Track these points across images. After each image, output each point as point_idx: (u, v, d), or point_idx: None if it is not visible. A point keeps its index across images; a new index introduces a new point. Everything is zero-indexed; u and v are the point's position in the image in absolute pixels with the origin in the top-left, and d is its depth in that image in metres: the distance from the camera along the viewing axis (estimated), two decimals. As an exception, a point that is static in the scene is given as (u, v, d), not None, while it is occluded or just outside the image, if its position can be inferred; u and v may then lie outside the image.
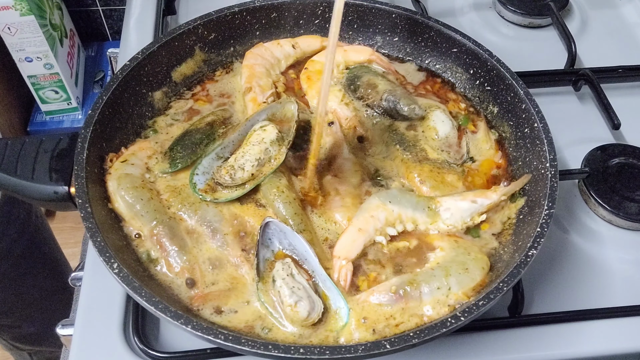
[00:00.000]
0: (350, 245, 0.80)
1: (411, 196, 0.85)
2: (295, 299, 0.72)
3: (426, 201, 0.85)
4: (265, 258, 0.78)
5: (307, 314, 0.72)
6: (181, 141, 0.90)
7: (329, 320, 0.74)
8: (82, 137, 0.81)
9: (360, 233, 0.80)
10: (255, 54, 1.02)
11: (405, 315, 0.75)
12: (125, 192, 0.82)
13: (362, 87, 0.99)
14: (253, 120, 0.89)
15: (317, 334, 0.73)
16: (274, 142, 0.85)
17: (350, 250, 0.80)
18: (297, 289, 0.73)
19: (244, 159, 0.84)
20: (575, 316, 0.85)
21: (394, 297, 0.75)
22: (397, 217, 0.83)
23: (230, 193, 0.84)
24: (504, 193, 0.85)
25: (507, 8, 1.31)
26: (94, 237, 0.72)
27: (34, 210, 1.47)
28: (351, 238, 0.80)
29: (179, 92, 1.00)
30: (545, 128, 0.87)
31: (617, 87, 1.17)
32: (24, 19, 1.77)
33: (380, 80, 1.00)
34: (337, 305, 0.75)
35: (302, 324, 0.73)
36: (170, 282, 0.78)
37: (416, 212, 0.83)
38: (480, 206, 0.84)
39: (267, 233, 0.79)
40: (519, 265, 0.73)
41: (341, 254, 0.79)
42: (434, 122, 0.96)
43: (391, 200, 0.83)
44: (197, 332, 0.66)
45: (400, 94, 0.97)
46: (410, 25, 1.04)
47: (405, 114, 0.96)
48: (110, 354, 0.79)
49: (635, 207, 0.96)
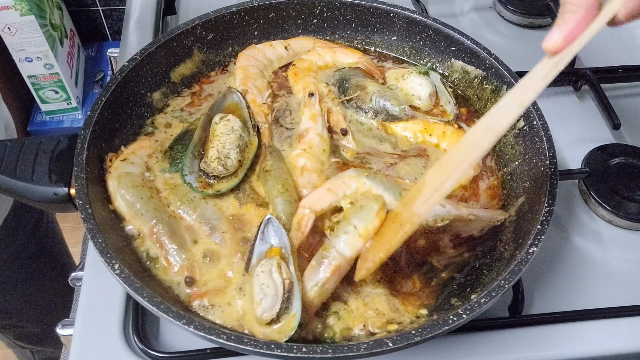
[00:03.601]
0: (317, 199, 0.83)
1: (386, 179, 0.87)
2: (260, 296, 0.72)
3: (399, 187, 0.86)
4: (260, 253, 0.78)
5: (262, 313, 0.71)
6: (181, 140, 0.91)
7: (284, 322, 0.72)
8: (82, 138, 0.81)
9: (329, 192, 0.84)
10: (248, 55, 1.02)
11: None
12: (126, 190, 0.82)
13: (351, 89, 1.00)
14: (207, 117, 0.91)
15: (268, 331, 0.72)
16: (243, 129, 0.89)
17: (316, 203, 0.83)
18: (265, 287, 0.73)
19: (225, 148, 0.86)
20: (575, 316, 0.85)
21: (319, 269, 0.76)
22: (367, 191, 0.85)
23: (228, 183, 0.85)
24: (473, 213, 0.85)
25: (507, 8, 1.31)
26: (95, 237, 0.72)
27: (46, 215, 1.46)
28: (320, 194, 0.84)
29: (177, 91, 1.00)
30: (544, 125, 0.87)
31: (617, 87, 1.17)
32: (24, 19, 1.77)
33: (369, 82, 1.00)
34: (296, 309, 0.72)
35: (257, 320, 0.72)
36: (169, 281, 0.78)
37: (386, 192, 0.85)
38: (447, 213, 0.84)
39: (267, 229, 0.79)
40: (519, 263, 0.73)
41: (307, 204, 0.83)
42: (413, 89, 0.99)
43: (367, 175, 0.86)
44: (200, 332, 0.66)
45: (390, 95, 0.98)
46: (408, 24, 1.05)
47: (395, 115, 0.96)
48: (110, 354, 0.79)
49: (635, 207, 0.96)
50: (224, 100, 0.94)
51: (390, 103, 0.96)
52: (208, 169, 0.85)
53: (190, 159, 0.86)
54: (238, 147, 0.87)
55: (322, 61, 1.05)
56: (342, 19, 1.07)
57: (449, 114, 0.99)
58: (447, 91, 1.01)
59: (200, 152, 0.88)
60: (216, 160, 0.85)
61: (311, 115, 0.95)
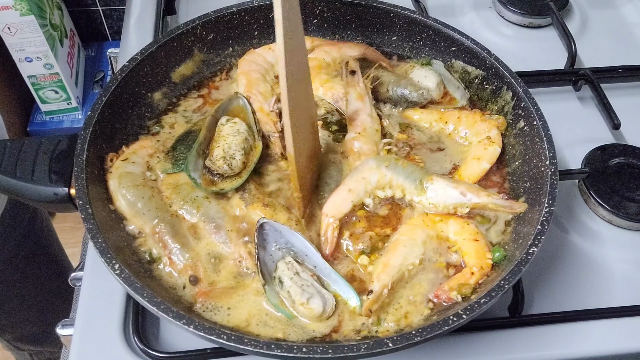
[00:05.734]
0: (339, 204, 0.83)
1: (408, 165, 0.87)
2: (306, 296, 0.74)
3: (420, 174, 0.86)
4: (265, 260, 0.79)
5: (322, 309, 0.74)
6: (184, 141, 0.91)
7: (341, 311, 0.76)
8: (82, 138, 0.81)
9: (350, 193, 0.84)
10: (248, 60, 1.02)
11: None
12: (127, 190, 0.82)
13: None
14: (213, 118, 0.91)
15: (330, 324, 0.75)
16: (248, 132, 0.90)
17: (339, 208, 0.83)
18: (306, 287, 0.75)
19: (231, 149, 0.86)
20: (575, 316, 0.85)
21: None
22: (389, 182, 0.85)
23: (231, 183, 0.85)
24: (495, 202, 0.85)
25: (507, 8, 1.31)
26: (95, 238, 0.72)
27: (39, 213, 1.46)
28: (341, 197, 0.83)
29: (182, 93, 1.00)
30: (544, 126, 0.87)
31: (617, 87, 1.17)
32: (24, 19, 1.77)
33: (382, 73, 1.01)
34: (347, 296, 0.77)
35: (318, 319, 0.74)
36: (172, 280, 0.78)
37: (406, 181, 0.85)
38: (468, 201, 0.85)
39: (262, 235, 0.79)
40: (520, 263, 0.73)
41: (329, 211, 0.82)
42: (420, 82, 0.99)
43: (387, 164, 0.85)
44: (200, 332, 0.66)
45: (405, 82, 0.98)
46: (408, 24, 1.05)
47: (415, 100, 0.97)
48: (110, 354, 0.79)
49: (635, 207, 0.96)
50: (229, 103, 0.94)
51: (408, 90, 0.96)
52: (213, 166, 0.86)
53: (195, 156, 0.87)
54: (243, 149, 0.87)
55: (329, 57, 1.04)
56: (342, 19, 1.07)
57: (459, 99, 0.99)
58: (454, 77, 1.01)
59: (205, 152, 0.88)
60: (221, 159, 0.85)
61: (357, 95, 0.94)
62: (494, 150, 0.91)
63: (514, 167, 0.91)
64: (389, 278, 0.77)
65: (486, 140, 0.92)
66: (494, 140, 0.92)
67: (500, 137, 0.93)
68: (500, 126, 0.94)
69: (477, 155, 0.91)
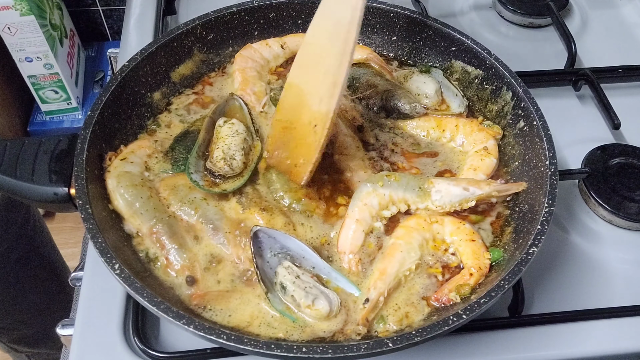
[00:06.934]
0: (352, 238, 0.82)
1: (401, 177, 0.87)
2: (311, 298, 0.74)
3: (417, 181, 0.86)
4: (264, 268, 0.78)
5: (329, 309, 0.74)
6: (182, 142, 0.91)
7: (348, 308, 0.77)
8: (82, 138, 0.81)
9: (358, 224, 0.83)
10: (245, 56, 1.02)
11: None
12: (125, 190, 0.82)
13: (361, 88, 1.00)
14: (211, 120, 0.91)
15: (341, 320, 0.76)
16: (247, 132, 0.90)
17: (353, 243, 0.82)
18: (309, 288, 0.75)
19: (231, 150, 0.87)
20: (575, 316, 0.85)
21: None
22: (389, 200, 0.85)
23: (233, 183, 0.85)
24: (496, 189, 0.86)
25: (507, 8, 1.31)
26: (95, 237, 0.72)
27: (32, 213, 1.46)
28: (351, 231, 0.82)
29: (179, 91, 1.00)
30: (544, 126, 0.87)
31: (617, 87, 1.17)
32: (24, 19, 1.77)
33: (379, 80, 1.00)
34: (349, 291, 0.78)
35: (326, 319, 0.75)
36: (170, 280, 0.78)
37: (406, 193, 0.85)
38: (472, 195, 0.86)
39: (257, 243, 0.79)
40: (520, 263, 0.73)
41: (345, 248, 0.82)
42: (418, 88, 0.99)
43: (382, 183, 0.85)
44: (200, 332, 0.66)
45: (400, 93, 0.97)
46: (408, 24, 1.05)
47: (407, 112, 0.96)
48: (110, 354, 0.79)
49: (635, 207, 0.96)
50: (226, 104, 0.95)
51: (401, 102, 0.96)
52: (214, 168, 0.86)
53: (195, 158, 0.87)
54: (243, 149, 0.88)
55: None
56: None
57: (456, 108, 0.99)
58: (452, 85, 1.02)
59: (205, 153, 0.89)
60: (222, 160, 0.86)
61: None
62: (491, 162, 0.92)
63: (513, 167, 0.91)
64: (386, 286, 0.77)
65: (483, 151, 0.92)
66: (490, 151, 0.92)
67: (496, 149, 0.93)
68: (496, 135, 0.94)
69: (473, 165, 0.91)
